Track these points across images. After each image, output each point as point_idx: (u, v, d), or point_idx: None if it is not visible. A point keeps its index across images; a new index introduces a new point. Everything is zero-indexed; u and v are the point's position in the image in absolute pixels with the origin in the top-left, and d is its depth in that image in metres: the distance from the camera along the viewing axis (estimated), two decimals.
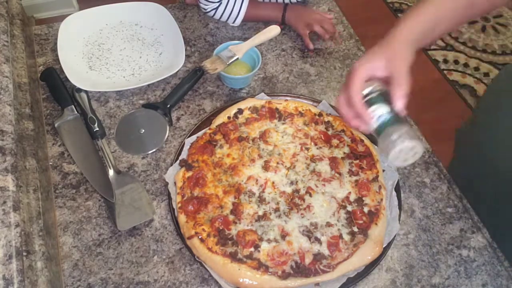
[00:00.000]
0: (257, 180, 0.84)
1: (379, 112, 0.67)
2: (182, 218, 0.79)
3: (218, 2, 1.09)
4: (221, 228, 0.78)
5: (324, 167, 0.87)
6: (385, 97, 0.67)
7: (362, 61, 0.69)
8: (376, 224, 0.79)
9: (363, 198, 0.83)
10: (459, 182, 0.91)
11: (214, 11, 1.12)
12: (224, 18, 1.14)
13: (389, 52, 0.68)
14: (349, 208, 0.82)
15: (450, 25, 0.72)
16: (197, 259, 0.75)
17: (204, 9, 1.12)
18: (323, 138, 0.92)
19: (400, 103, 0.66)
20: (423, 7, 0.70)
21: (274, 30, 1.06)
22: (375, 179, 0.86)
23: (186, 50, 1.08)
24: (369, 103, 0.67)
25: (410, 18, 0.69)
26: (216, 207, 0.81)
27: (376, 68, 0.68)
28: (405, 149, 0.64)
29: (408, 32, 0.69)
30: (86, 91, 0.98)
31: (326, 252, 0.76)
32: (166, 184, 0.85)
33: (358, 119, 0.69)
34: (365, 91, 0.68)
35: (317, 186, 0.84)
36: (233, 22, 1.15)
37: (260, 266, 0.73)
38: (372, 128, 0.68)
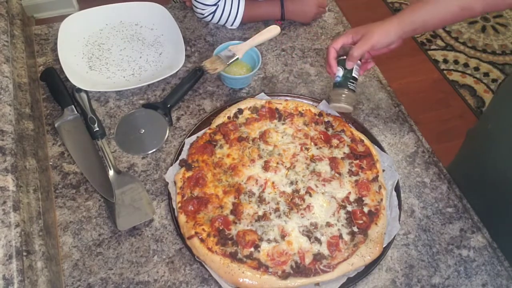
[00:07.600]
0: (257, 180, 0.84)
1: (338, 73, 0.90)
2: (182, 218, 0.79)
3: (215, 5, 1.09)
4: (221, 228, 0.78)
5: (324, 167, 0.87)
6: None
7: (351, 30, 0.89)
8: (376, 224, 0.79)
9: (363, 198, 0.83)
10: (460, 181, 0.91)
11: (211, 15, 1.11)
12: (222, 21, 1.13)
13: (369, 29, 0.86)
14: (349, 208, 0.82)
15: (440, 25, 0.86)
16: (197, 259, 0.75)
17: (202, 14, 1.10)
18: (323, 138, 0.92)
19: (349, 63, 0.88)
20: (417, 7, 0.84)
21: (274, 30, 1.06)
22: (375, 179, 0.86)
23: (186, 50, 1.08)
24: (338, 62, 0.90)
25: (404, 13, 0.85)
26: (216, 207, 0.81)
27: (355, 36, 0.87)
28: (337, 107, 0.94)
29: (402, 22, 0.85)
30: (86, 91, 0.98)
31: (326, 252, 0.76)
32: (166, 184, 0.85)
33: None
34: (341, 52, 0.91)
35: (317, 186, 0.84)
36: (232, 25, 1.14)
37: (260, 266, 0.73)
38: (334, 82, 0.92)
